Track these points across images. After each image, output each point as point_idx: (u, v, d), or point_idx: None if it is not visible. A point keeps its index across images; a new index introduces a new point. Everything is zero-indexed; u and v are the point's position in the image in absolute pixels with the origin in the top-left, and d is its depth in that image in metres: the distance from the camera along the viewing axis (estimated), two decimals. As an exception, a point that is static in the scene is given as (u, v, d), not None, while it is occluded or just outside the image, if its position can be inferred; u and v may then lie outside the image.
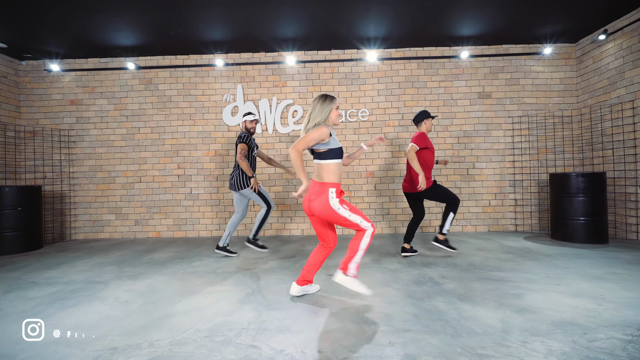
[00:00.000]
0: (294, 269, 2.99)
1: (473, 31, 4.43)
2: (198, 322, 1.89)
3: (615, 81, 4.21)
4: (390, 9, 3.84)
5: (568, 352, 1.49)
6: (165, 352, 1.57)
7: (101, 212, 4.97)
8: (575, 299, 2.13)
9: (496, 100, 4.86)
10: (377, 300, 2.19)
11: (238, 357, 1.52)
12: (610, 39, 4.26)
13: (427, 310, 1.99)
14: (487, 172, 4.84)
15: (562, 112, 4.79)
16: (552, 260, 3.11)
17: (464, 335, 1.67)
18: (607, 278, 2.53)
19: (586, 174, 3.85)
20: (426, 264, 3.06)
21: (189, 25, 4.12)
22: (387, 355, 1.51)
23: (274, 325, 1.84)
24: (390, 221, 4.85)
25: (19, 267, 3.30)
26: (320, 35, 4.47)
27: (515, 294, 2.25)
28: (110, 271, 3.07)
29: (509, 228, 4.82)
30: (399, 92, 4.89)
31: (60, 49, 4.72)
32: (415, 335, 1.69)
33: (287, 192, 4.90)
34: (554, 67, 4.84)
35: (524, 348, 1.54)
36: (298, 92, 4.92)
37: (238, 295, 2.35)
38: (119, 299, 2.32)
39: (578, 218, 3.86)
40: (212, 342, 1.66)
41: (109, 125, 5.00)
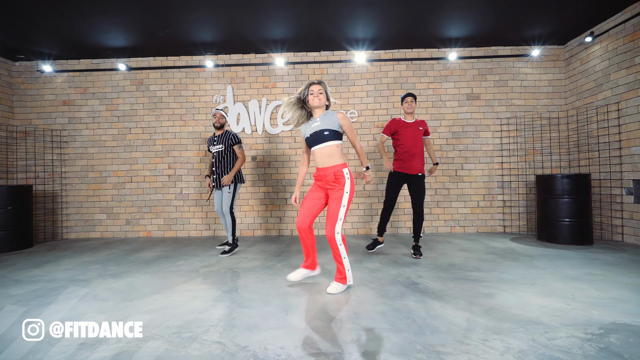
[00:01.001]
0: (276, 269, 3.02)
1: (461, 33, 4.46)
2: (169, 319, 1.93)
3: (601, 83, 4.22)
4: (376, 11, 3.87)
5: (525, 350, 1.51)
6: (132, 347, 1.61)
7: (93, 211, 5.02)
8: (545, 298, 2.15)
9: (485, 102, 4.88)
10: (350, 299, 2.21)
11: (201, 352, 1.55)
12: (596, 41, 4.28)
13: (396, 309, 2.02)
14: (476, 173, 4.86)
15: (550, 113, 4.81)
16: (533, 261, 3.13)
17: (427, 334, 1.70)
18: (582, 279, 2.55)
19: (571, 176, 3.87)
20: (406, 264, 3.08)
21: (178, 27, 4.17)
22: (347, 351, 1.53)
23: (243, 323, 1.87)
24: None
25: (6, 266, 3.34)
26: (309, 37, 4.50)
27: (487, 293, 2.27)
28: (95, 270, 3.11)
29: (498, 229, 4.83)
30: (387, 93, 4.92)
31: (53, 50, 4.78)
32: (380, 332, 1.72)
33: (276, 192, 4.93)
34: (542, 69, 4.86)
35: (483, 346, 1.56)
36: (287, 93, 4.96)
37: (214, 293, 2.39)
38: (97, 297, 2.35)
39: (563, 219, 3.88)
40: (179, 338, 1.70)
41: (100, 126, 5.05)
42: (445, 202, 4.86)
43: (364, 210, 4.90)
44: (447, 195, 4.86)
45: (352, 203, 4.90)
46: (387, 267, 3.01)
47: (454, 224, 4.86)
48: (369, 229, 4.88)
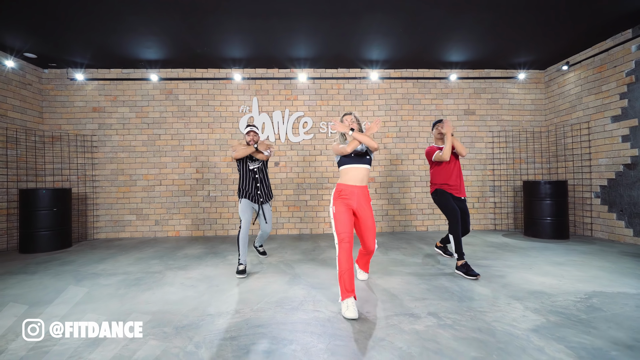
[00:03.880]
0: (319, 260, 3.56)
1: (460, 58, 5.18)
2: (264, 297, 2.43)
3: (575, 104, 5.07)
4: (393, 39, 4.50)
5: (538, 309, 2.16)
6: (253, 316, 2.10)
7: (122, 212, 5.32)
8: (542, 277, 2.83)
9: (479, 117, 5.64)
10: (397, 280, 2.80)
11: (309, 316, 2.08)
12: (571, 69, 5.13)
13: (436, 287, 2.62)
14: (472, 178, 5.61)
15: (533, 128, 5.64)
16: (525, 251, 3.85)
17: (466, 301, 2.31)
18: (566, 264, 3.28)
19: (552, 182, 4.67)
20: (427, 255, 3.71)
21: (214, 45, 4.60)
22: (416, 313, 2.11)
23: (324, 298, 2.40)
24: (389, 221, 5.51)
25: (68, 262, 3.66)
26: (329, 56, 5.06)
27: (499, 275, 2.93)
28: (157, 264, 3.51)
29: (489, 227, 5.60)
30: (396, 107, 5.57)
31: (85, 59, 5.05)
32: (433, 301, 2.31)
33: (297, 194, 5.45)
34: (526, 89, 5.69)
35: (508, 307, 2.19)
36: (308, 105, 5.50)
37: (283, 278, 2.89)
38: (184, 284, 2.80)
39: (545, 218, 4.66)
40: (284, 309, 2.21)
41: (130, 132, 5.36)
42: (445, 203, 5.57)
43: (375, 212, 5.52)
44: (447, 197, 5.57)
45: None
46: (410, 257, 3.62)
47: (453, 223, 5.57)
48: (379, 228, 5.50)
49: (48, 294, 2.60)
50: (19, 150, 4.79)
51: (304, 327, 1.93)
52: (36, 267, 3.47)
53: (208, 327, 1.95)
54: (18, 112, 4.85)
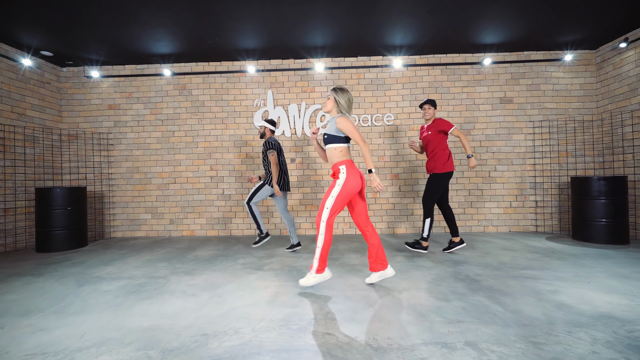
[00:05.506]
0: (335, 266, 3.21)
1: (495, 39, 4.60)
2: (269, 313, 2.12)
3: (635, 87, 4.35)
4: (420, 20, 4.02)
5: (611, 341, 1.69)
6: (252, 338, 1.80)
7: (138, 211, 5.24)
8: (608, 295, 2.32)
9: (517, 105, 5.03)
10: (424, 295, 2.39)
11: (319, 342, 1.74)
12: (631, 47, 4.40)
13: (473, 305, 2.19)
14: (509, 174, 5.02)
15: (582, 116, 4.94)
16: (578, 259, 3.29)
17: (512, 326, 1.88)
18: (634, 277, 2.71)
19: (608, 178, 4.02)
20: (458, 262, 3.26)
21: (225, 35, 4.34)
22: (450, 341, 1.71)
23: (339, 317, 2.05)
24: (415, 222, 5.05)
25: (77, 263, 3.56)
26: (348, 43, 4.66)
27: (550, 290, 2.44)
28: (164, 267, 3.32)
29: (530, 229, 4.99)
30: (423, 97, 5.08)
31: (100, 56, 4.98)
32: (470, 325, 1.90)
33: (314, 193, 5.12)
34: (574, 73, 4.99)
35: (570, 337, 1.74)
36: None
37: (293, 289, 2.58)
38: (186, 293, 2.55)
39: (599, 220, 4.03)
40: (289, 330, 1.89)
41: (145, 129, 5.26)
42: (478, 202, 5.03)
43: (400, 211, 5.08)
44: (481, 196, 5.02)
45: (388, 203, 5.08)
46: (441, 265, 3.19)
47: (487, 224, 5.03)
48: (404, 228, 5.06)
49: (44, 300, 2.45)
50: (38, 149, 4.80)
51: (310, 357, 1.59)
52: (45, 268, 3.38)
53: (199, 351, 1.67)
54: (37, 111, 4.86)
